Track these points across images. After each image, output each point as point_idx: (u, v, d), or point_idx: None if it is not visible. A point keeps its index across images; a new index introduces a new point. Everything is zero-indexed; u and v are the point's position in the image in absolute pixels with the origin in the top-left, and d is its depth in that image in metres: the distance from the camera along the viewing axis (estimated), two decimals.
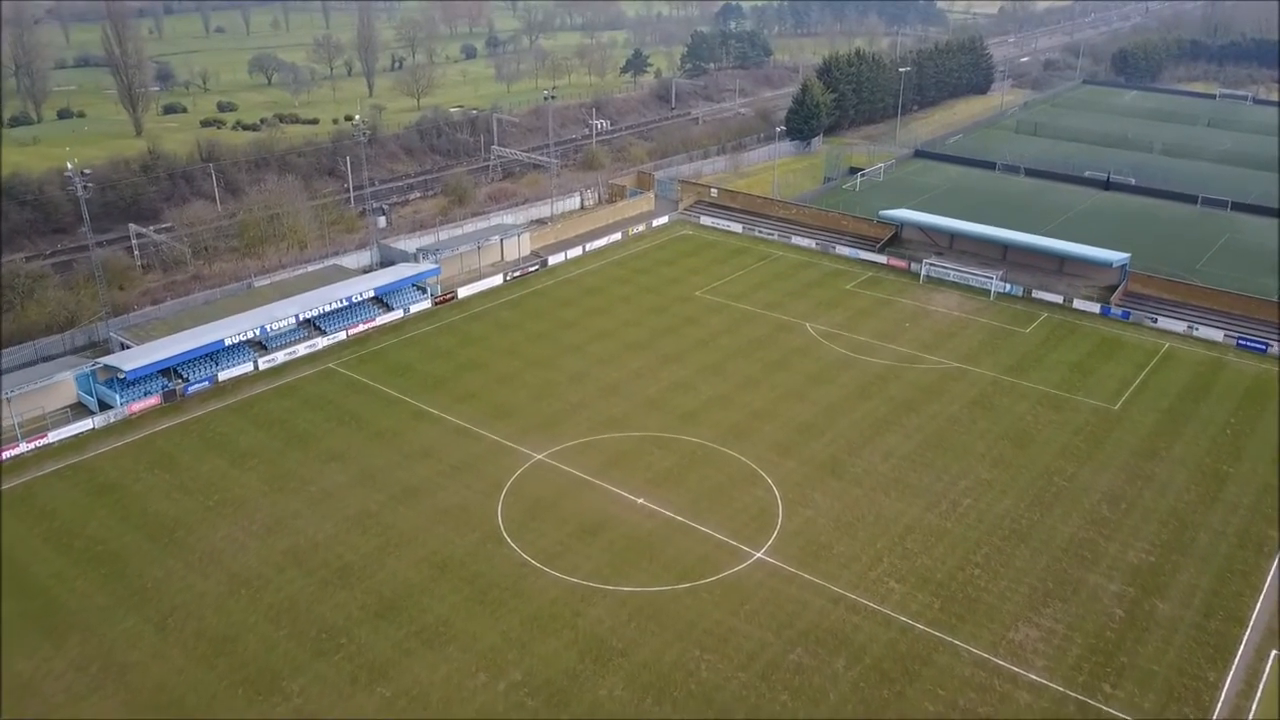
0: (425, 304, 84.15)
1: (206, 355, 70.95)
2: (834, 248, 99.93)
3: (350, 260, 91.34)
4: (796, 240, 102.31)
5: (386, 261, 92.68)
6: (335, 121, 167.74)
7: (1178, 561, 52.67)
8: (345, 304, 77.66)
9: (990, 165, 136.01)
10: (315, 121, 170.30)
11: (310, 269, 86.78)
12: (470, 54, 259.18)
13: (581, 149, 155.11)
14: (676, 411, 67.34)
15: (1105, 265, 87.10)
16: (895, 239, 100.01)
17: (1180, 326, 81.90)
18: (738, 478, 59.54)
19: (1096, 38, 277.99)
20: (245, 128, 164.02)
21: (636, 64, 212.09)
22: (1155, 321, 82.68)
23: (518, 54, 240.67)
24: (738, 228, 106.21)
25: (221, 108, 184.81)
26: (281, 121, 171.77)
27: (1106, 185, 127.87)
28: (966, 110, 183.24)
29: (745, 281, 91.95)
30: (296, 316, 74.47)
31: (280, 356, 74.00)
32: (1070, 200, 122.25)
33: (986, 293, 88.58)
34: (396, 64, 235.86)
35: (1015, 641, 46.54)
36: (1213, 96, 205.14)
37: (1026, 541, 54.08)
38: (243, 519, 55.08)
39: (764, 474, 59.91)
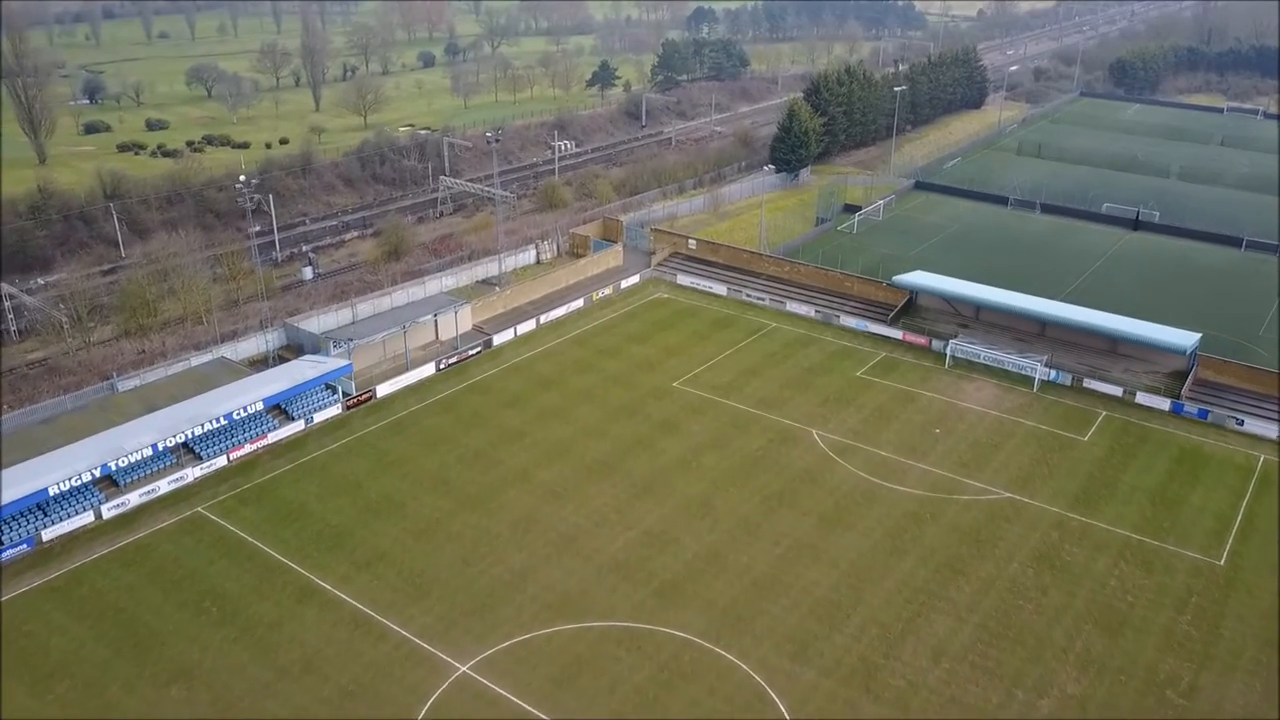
0: (335, 409, 66.99)
1: (30, 506, 53.50)
2: (837, 317, 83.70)
3: (250, 345, 73.92)
4: (792, 307, 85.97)
5: (294, 344, 75.53)
6: (268, 146, 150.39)
7: None
8: (225, 422, 60.33)
9: (1002, 200, 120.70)
10: (246, 145, 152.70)
11: (194, 363, 69.25)
12: (428, 61, 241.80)
13: (542, 176, 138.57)
14: (652, 582, 50.80)
15: (1178, 352, 71.44)
16: (909, 305, 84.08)
17: (1274, 430, 66.29)
18: (739, 702, 43.12)
19: (1085, 44, 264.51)
20: (165, 154, 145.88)
21: (604, 76, 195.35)
22: (1241, 424, 67.07)
23: (478, 61, 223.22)
24: (721, 289, 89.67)
25: (151, 125, 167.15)
26: (210, 144, 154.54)
27: (1135, 225, 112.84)
28: (962, 128, 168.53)
29: (733, 365, 75.53)
30: (155, 447, 57.05)
31: (134, 498, 56.65)
32: (1097, 243, 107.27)
33: (1028, 381, 72.69)
34: (349, 73, 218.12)
35: None
36: (1220, 110, 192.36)
37: None
38: None
39: (774, 694, 43.52)
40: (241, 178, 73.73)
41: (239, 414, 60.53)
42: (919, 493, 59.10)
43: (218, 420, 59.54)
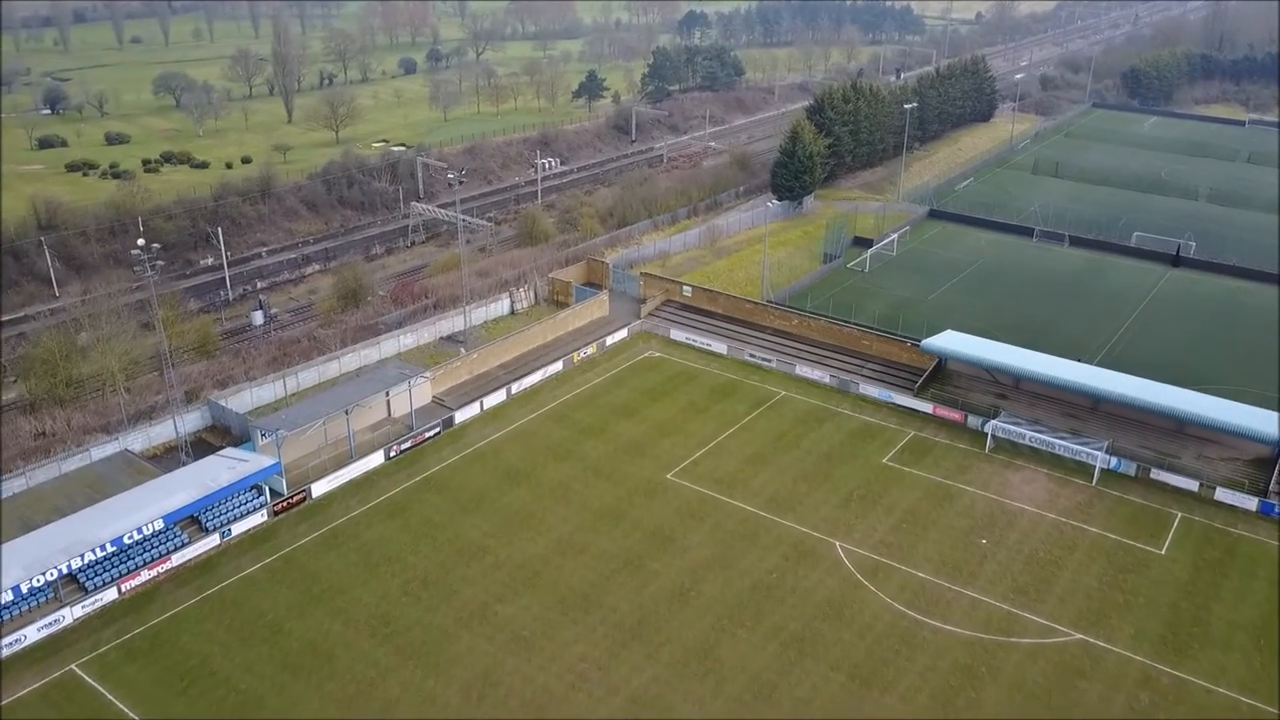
0: (260, 516, 55.58)
1: None
2: (855, 384, 72.54)
3: (168, 428, 62.36)
4: (803, 370, 74.82)
5: (220, 425, 64.24)
6: (228, 165, 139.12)
7: None
8: (113, 549, 48.89)
9: (1026, 231, 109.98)
10: (205, 165, 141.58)
11: (94, 456, 57.89)
12: (409, 68, 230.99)
13: (524, 199, 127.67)
14: None
15: (1266, 442, 60.50)
16: (938, 369, 73.12)
17: None
18: None
19: (1090, 49, 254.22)
20: (116, 175, 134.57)
21: (591, 88, 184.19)
22: None
23: (460, 69, 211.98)
24: (721, 347, 78.42)
25: (110, 139, 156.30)
26: (169, 163, 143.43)
27: (1175, 261, 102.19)
28: (972, 144, 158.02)
29: (737, 450, 64.28)
30: (17, 590, 45.62)
31: None
32: (1136, 282, 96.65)
33: (1085, 470, 61.63)
34: (326, 80, 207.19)
35: None
36: (1241, 123, 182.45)
37: None
38: None
39: None
40: (140, 241, 61.85)
41: (130, 537, 49.05)
42: (969, 634, 48.03)
43: (102, 548, 48.07)
